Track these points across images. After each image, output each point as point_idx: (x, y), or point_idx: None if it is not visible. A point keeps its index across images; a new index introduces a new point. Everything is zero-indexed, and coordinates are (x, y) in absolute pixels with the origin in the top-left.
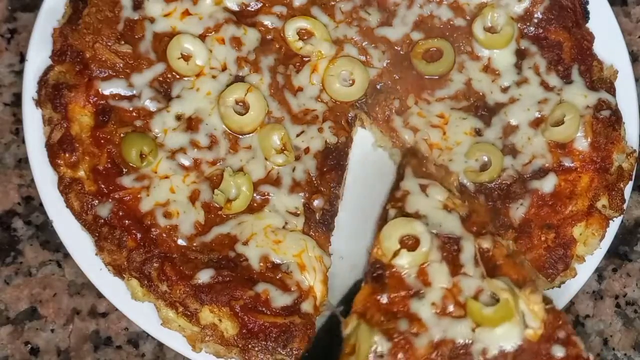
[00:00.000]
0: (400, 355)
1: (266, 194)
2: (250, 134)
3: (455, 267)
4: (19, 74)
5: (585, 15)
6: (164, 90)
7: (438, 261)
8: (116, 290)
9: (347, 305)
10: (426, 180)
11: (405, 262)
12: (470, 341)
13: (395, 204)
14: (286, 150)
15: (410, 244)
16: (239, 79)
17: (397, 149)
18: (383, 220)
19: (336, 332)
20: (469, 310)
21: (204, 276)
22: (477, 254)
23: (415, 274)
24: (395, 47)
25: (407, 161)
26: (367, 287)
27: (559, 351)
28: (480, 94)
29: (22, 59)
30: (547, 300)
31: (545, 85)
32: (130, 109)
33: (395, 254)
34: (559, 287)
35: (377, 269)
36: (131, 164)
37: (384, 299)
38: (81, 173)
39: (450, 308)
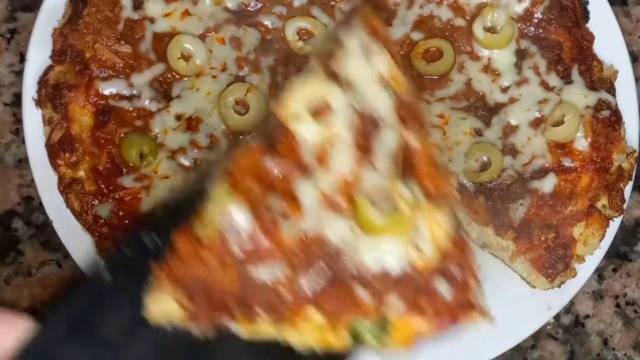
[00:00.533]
0: (261, 237)
1: None
2: (251, 134)
3: (363, 155)
4: (19, 74)
5: (585, 15)
6: (164, 90)
7: (347, 143)
8: None
9: None
10: (377, 42)
11: (307, 133)
12: (347, 247)
13: (322, 56)
14: None
15: (321, 113)
16: (239, 79)
17: None
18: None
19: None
20: (357, 210)
21: None
22: (397, 148)
23: (315, 150)
24: (395, 47)
25: (363, 7)
26: (255, 145)
27: (443, 288)
28: (480, 94)
29: (22, 59)
30: (456, 228)
31: (545, 85)
32: (130, 109)
33: (298, 119)
34: (559, 287)
35: (273, 129)
36: (131, 164)
37: (269, 165)
38: (81, 173)
39: (339, 202)
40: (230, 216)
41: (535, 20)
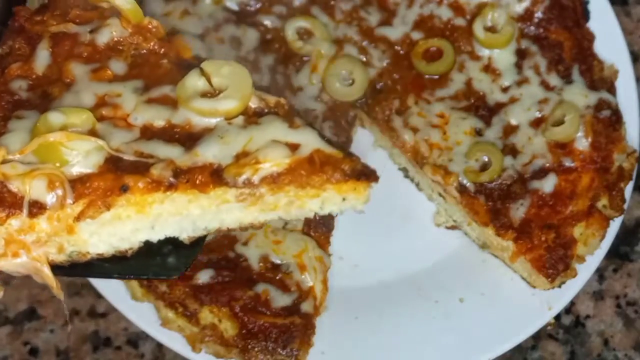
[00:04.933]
0: None
1: None
2: None
3: None
4: None
5: (586, 15)
6: None
7: None
8: (116, 290)
9: None
10: None
11: None
12: None
13: None
14: None
15: None
16: None
17: (397, 149)
18: None
19: None
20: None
21: (204, 276)
22: None
23: None
24: (395, 47)
25: None
26: None
27: None
28: (481, 93)
29: None
30: None
31: (545, 85)
32: None
33: None
34: (560, 287)
35: None
36: None
37: None
38: None
39: None
40: None
41: (536, 20)
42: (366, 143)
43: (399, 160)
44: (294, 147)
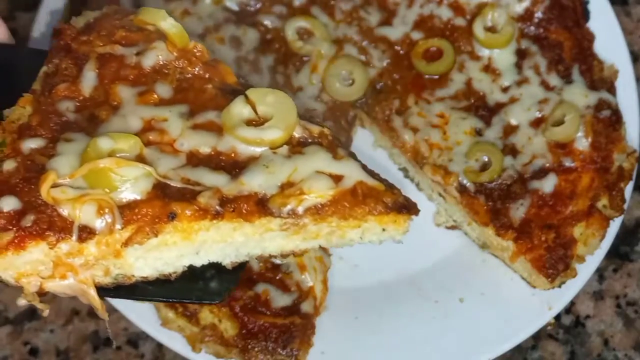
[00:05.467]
0: None
1: None
2: None
3: None
4: None
5: (586, 15)
6: None
7: None
8: None
9: None
10: None
11: None
12: None
13: None
14: None
15: None
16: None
17: (397, 149)
18: None
19: None
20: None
21: None
22: None
23: None
24: (395, 47)
25: None
26: None
27: None
28: (481, 93)
29: None
30: None
31: (545, 85)
32: None
33: None
34: (560, 287)
35: None
36: None
37: None
38: None
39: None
40: None
41: (536, 20)
42: (366, 143)
43: (399, 160)
44: (337, 179)
